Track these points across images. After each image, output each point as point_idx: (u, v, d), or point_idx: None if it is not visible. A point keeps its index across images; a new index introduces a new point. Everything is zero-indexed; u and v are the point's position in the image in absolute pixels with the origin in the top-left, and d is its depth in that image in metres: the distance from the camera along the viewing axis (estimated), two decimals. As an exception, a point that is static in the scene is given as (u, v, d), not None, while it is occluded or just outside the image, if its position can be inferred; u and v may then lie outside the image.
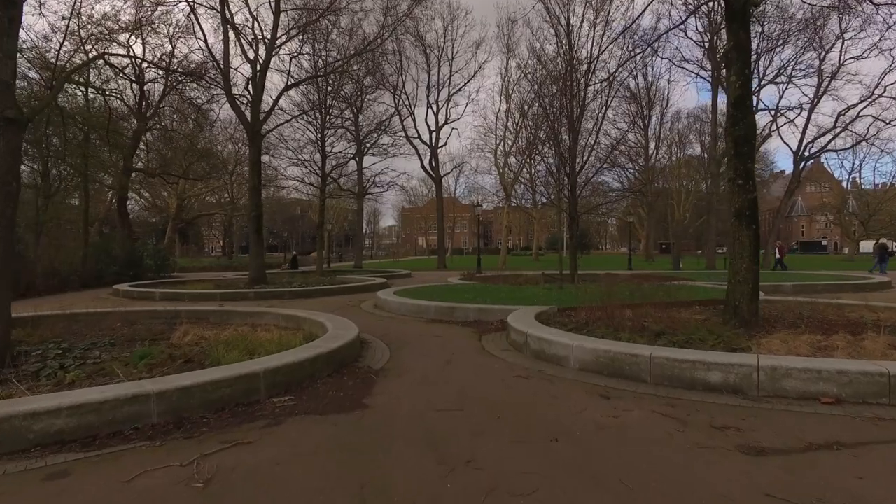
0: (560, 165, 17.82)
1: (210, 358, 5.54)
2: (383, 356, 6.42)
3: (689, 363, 4.72)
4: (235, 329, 7.63)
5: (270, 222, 73.15)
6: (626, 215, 38.91)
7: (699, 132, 49.97)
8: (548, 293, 12.22)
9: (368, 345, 7.08)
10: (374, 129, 32.24)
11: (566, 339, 5.85)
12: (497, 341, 7.41)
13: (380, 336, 7.82)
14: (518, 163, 39.35)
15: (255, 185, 17.27)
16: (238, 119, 17.45)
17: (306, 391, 4.74)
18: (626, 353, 5.16)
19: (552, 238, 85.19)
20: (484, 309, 9.48)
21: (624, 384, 4.91)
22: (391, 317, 10.26)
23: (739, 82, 7.18)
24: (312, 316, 7.94)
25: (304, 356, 5.07)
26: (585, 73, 18.40)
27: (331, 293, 14.99)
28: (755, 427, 3.63)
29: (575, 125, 17.45)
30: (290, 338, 6.51)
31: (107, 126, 22.51)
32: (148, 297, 14.20)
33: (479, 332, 8.15)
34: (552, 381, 5.10)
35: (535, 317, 7.88)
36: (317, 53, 19.54)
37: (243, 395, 4.34)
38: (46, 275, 17.59)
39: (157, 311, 9.06)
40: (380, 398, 4.55)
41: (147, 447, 3.38)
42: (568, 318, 8.48)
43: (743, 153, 7.17)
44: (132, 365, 5.37)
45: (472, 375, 5.39)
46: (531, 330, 6.48)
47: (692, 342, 5.92)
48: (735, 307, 7.12)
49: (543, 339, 6.10)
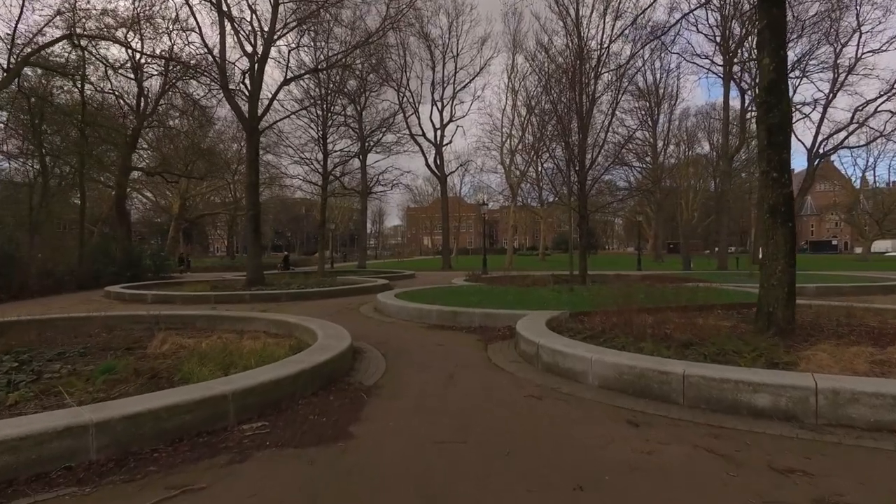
0: (569, 161, 17.11)
1: (180, 373, 4.91)
2: (378, 369, 5.76)
3: (730, 384, 4.02)
4: (220, 337, 7.00)
5: (275, 222, 72.88)
6: (636, 214, 37.97)
7: (708, 130, 49.17)
8: (558, 296, 11.53)
9: (363, 355, 6.42)
10: (377, 126, 31.62)
11: (583, 352, 5.16)
12: (505, 351, 6.73)
13: (376, 344, 7.16)
14: (524, 161, 38.62)
15: (252, 182, 16.66)
16: (235, 114, 16.82)
17: (284, 415, 4.08)
18: (655, 370, 4.46)
19: (558, 238, 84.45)
20: (490, 314, 8.79)
21: (653, 406, 4.23)
22: (391, 321, 9.60)
23: (774, 64, 6.47)
24: (304, 322, 7.29)
25: (283, 373, 4.41)
26: (595, 65, 17.67)
27: (330, 295, 14.35)
28: (827, 470, 2.93)
29: (584, 120, 16.75)
30: (274, 349, 5.86)
31: (105, 123, 22.05)
32: (139, 299, 13.61)
33: (484, 340, 7.47)
34: (569, 402, 4.42)
35: (546, 323, 7.20)
36: (317, 47, 18.91)
37: (207, 421, 3.69)
38: (40, 276, 17.08)
39: (139, 316, 8.43)
40: (368, 425, 3.89)
41: (71, 497, 2.72)
42: (581, 324, 7.80)
43: (777, 143, 6.46)
44: (92, 381, 4.74)
45: (477, 395, 4.72)
46: (543, 340, 5.79)
47: (725, 354, 5.23)
48: (769, 313, 6.41)
49: (557, 350, 5.42)
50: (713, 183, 51.88)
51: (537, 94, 21.57)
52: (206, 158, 27.74)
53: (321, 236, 24.74)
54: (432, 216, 73.65)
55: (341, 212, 67.96)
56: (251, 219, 16.53)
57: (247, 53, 16.71)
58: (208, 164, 28.19)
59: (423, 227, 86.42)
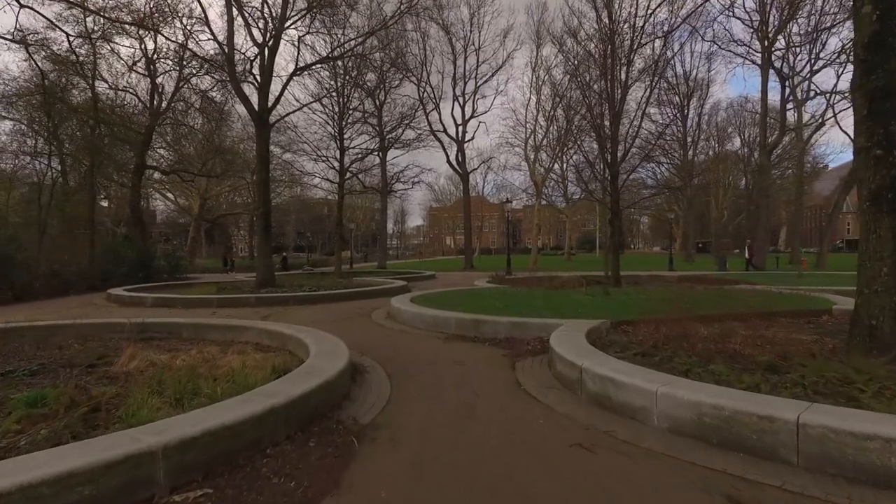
0: (601, 152, 15.78)
1: (125, 406, 3.85)
2: (379, 397, 4.63)
3: (880, 441, 2.76)
4: (200, 351, 5.99)
5: (297, 223, 72.62)
6: (666, 212, 36.23)
7: (739, 125, 46.89)
8: (592, 300, 10.25)
9: (364, 376, 5.30)
10: (398, 123, 30.59)
11: (643, 382, 3.93)
12: (536, 371, 5.53)
13: (383, 360, 6.04)
14: (549, 157, 37.19)
15: (262, 178, 15.73)
16: (244, 106, 15.91)
17: (239, 474, 2.97)
18: (753, 414, 3.21)
19: (583, 237, 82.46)
20: (518, 323, 7.58)
21: (754, 467, 3.00)
22: (403, 330, 8.47)
23: (877, 13, 5.12)
24: (299, 334, 6.20)
25: (244, 414, 3.28)
26: (628, 50, 16.28)
27: (341, 299, 13.28)
28: None
29: (616, 108, 15.41)
30: (254, 369, 4.78)
31: (118, 121, 21.50)
32: (139, 302, 12.77)
33: (511, 356, 6.28)
34: (632, 458, 3.22)
35: (586, 335, 5.99)
36: (331, 34, 17.87)
37: (123, 491, 2.59)
38: (46, 277, 16.48)
39: (120, 325, 7.48)
40: (353, 496, 2.75)
41: None
42: (626, 335, 6.57)
43: (881, 111, 5.10)
44: (13, 416, 3.71)
45: (504, 442, 3.54)
46: (587, 362, 4.58)
47: (832, 385, 3.95)
48: (871, 327, 5.06)
49: (607, 378, 4.20)
50: (744, 180, 49.73)
51: (564, 83, 20.23)
52: (222, 157, 27.06)
53: (337, 235, 23.78)
54: (454, 216, 72.52)
55: (363, 211, 67.34)
56: (262, 217, 15.60)
57: (256, 42, 15.79)
58: (225, 162, 27.50)
59: (446, 226, 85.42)
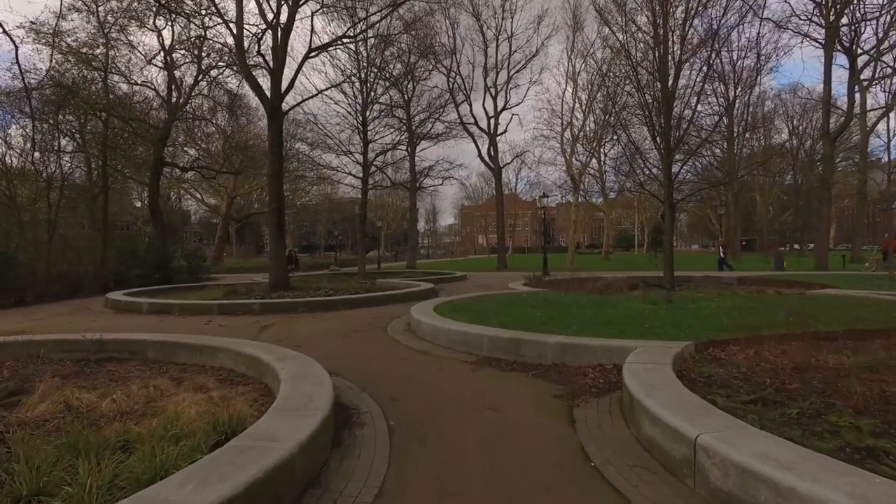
0: (652, 137, 13.82)
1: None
2: (374, 476, 3.00)
3: None
4: (144, 385, 4.52)
5: (328, 222, 72.04)
6: (717, 207, 33.62)
7: (787, 115, 43.50)
8: (655, 310, 8.36)
9: (355, 433, 3.67)
10: (427, 116, 28.99)
11: (820, 490, 2.18)
12: (607, 428, 3.79)
13: (388, 401, 4.41)
14: (586, 151, 34.96)
15: (275, 171, 14.33)
16: (254, 93, 14.57)
17: None
18: None
19: (619, 236, 79.34)
20: (570, 345, 5.78)
21: None
22: (423, 350, 6.81)
23: None
24: (278, 363, 4.62)
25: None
26: (682, 21, 14.24)
27: (359, 304, 11.73)
28: None
29: (672, 86, 13.44)
30: (188, 429, 3.22)
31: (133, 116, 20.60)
32: (135, 308, 11.50)
33: (566, 398, 4.54)
34: None
35: (673, 367, 4.27)
36: (350, 11, 16.28)
37: None
38: (52, 279, 15.53)
39: (77, 343, 6.09)
40: None
41: None
42: (721, 365, 4.79)
43: None
44: None
45: None
46: (710, 438, 2.78)
47: None
48: None
49: (749, 472, 2.43)
50: (792, 174, 46.14)
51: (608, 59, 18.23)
52: (242, 153, 26.01)
53: (360, 233, 22.30)
54: (487, 214, 70.56)
55: (393, 210, 65.91)
56: (274, 213, 14.21)
57: (268, 23, 14.42)
58: (246, 158, 26.44)
59: (478, 225, 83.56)
